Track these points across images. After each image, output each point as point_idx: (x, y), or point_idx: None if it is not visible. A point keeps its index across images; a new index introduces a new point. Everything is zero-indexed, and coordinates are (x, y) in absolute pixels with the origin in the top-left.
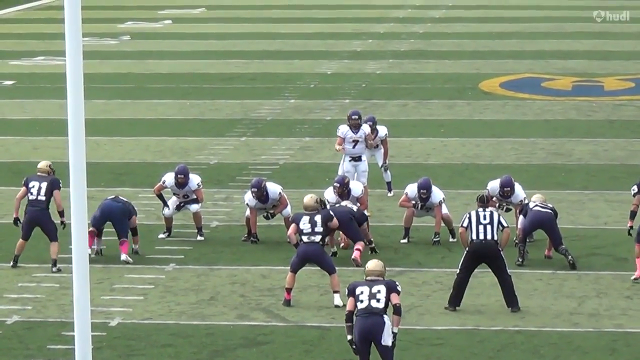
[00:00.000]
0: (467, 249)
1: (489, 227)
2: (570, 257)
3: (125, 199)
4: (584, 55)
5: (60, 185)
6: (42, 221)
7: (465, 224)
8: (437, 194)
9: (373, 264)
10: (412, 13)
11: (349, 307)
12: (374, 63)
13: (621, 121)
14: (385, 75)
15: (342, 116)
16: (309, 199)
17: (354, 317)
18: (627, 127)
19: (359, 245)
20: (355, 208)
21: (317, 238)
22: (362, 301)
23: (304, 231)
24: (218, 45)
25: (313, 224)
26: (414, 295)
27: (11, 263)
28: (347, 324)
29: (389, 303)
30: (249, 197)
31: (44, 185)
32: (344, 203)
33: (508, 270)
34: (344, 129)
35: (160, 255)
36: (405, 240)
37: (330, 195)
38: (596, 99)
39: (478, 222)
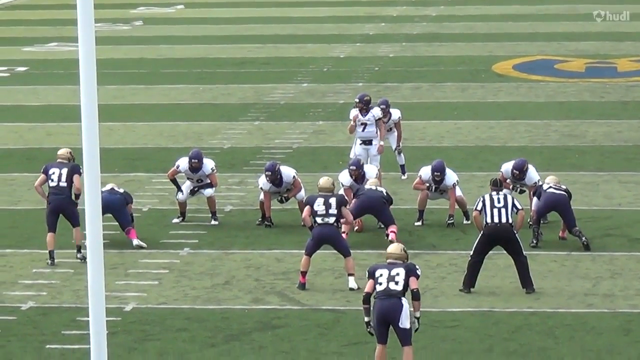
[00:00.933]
0: (482, 232)
1: (503, 210)
2: (584, 238)
3: (121, 190)
4: (596, 36)
5: (81, 171)
6: (65, 208)
7: (479, 208)
8: (450, 177)
9: (393, 247)
10: None
11: (367, 289)
12: (387, 46)
13: (635, 102)
14: (398, 59)
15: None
16: (324, 180)
17: (373, 300)
18: None
19: (393, 227)
20: (382, 189)
21: (331, 220)
22: (380, 283)
23: (318, 212)
24: (230, 30)
25: (327, 205)
26: (429, 277)
27: (48, 261)
28: (364, 306)
29: (408, 286)
30: (263, 181)
31: (65, 171)
32: (370, 184)
33: (524, 252)
34: (354, 113)
35: (174, 240)
36: (419, 223)
37: (345, 178)
38: (609, 80)
39: (492, 206)
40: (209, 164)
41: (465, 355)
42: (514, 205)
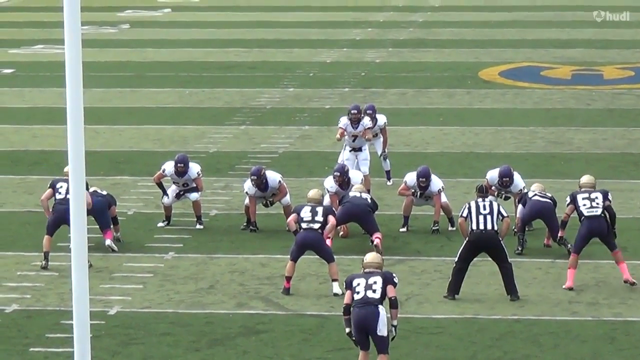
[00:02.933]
0: (467, 238)
1: (489, 217)
2: (569, 245)
3: (104, 192)
4: (583, 44)
5: (89, 187)
6: (69, 220)
7: (464, 214)
8: (436, 183)
9: (371, 257)
10: (412, 1)
11: (346, 300)
12: (373, 52)
13: (620, 110)
14: (384, 64)
15: (341, 105)
16: (314, 192)
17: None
18: (626, 115)
19: (378, 234)
20: (367, 196)
21: (316, 226)
22: (358, 292)
23: (304, 219)
24: (217, 34)
25: (314, 213)
26: (413, 284)
27: (42, 262)
28: (344, 317)
29: (386, 295)
30: (248, 186)
31: None
32: (355, 190)
33: (509, 259)
34: (344, 121)
35: (159, 244)
36: (404, 229)
37: (329, 183)
38: (595, 87)
39: (478, 212)
40: (194, 168)
41: None
42: (499, 212)
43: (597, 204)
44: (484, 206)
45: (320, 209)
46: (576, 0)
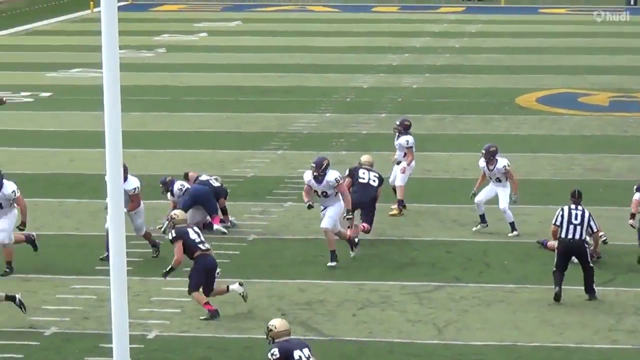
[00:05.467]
0: (555, 247)
1: (579, 227)
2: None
3: (218, 183)
4: (620, 70)
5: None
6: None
7: (558, 222)
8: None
9: (279, 323)
10: (448, 27)
11: None
12: (410, 77)
13: None
14: (421, 90)
15: (378, 130)
16: (180, 212)
17: None
18: None
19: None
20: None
21: (208, 244)
22: None
23: (195, 240)
24: (254, 59)
25: (198, 233)
26: (452, 310)
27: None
28: None
29: None
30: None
31: None
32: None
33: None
34: (307, 177)
35: None
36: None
37: (307, 176)
38: (633, 114)
39: (569, 222)
40: (132, 182)
41: None
42: (589, 224)
43: None
44: (576, 215)
45: (197, 230)
46: (607, 27)
